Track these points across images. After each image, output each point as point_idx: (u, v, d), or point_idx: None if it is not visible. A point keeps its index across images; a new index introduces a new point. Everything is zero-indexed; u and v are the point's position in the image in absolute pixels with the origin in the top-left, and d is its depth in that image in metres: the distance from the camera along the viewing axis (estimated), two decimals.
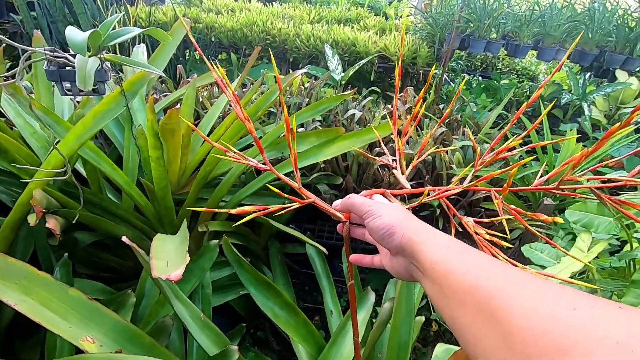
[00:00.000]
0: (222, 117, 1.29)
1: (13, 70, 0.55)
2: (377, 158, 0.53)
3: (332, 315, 0.89)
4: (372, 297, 0.75)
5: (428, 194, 0.46)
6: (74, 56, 0.54)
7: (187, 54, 2.51)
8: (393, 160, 0.52)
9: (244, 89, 1.59)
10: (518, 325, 0.21)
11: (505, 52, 2.36)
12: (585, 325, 0.19)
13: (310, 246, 1.02)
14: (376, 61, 2.28)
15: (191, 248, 0.90)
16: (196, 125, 1.22)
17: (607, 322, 0.19)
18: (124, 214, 0.95)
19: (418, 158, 0.50)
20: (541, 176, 0.44)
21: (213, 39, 2.42)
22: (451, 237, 0.32)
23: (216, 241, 0.78)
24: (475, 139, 1.31)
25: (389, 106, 1.46)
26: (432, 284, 0.29)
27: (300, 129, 1.27)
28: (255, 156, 1.01)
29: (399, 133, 0.51)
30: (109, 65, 0.59)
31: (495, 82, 2.36)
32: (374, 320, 0.77)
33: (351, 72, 1.63)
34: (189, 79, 1.54)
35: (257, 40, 2.35)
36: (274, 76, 1.60)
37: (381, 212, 0.35)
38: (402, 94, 1.61)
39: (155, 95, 1.38)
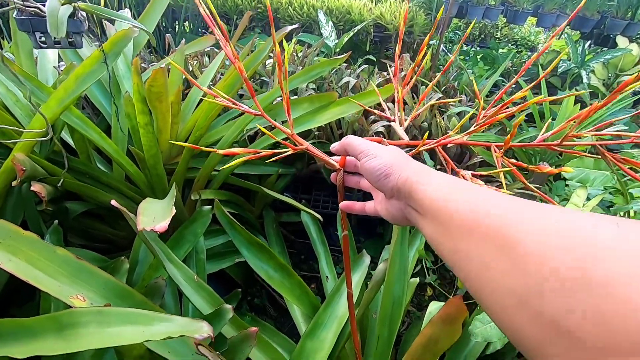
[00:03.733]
0: (212, 85, 1.25)
1: None
2: (377, 111, 0.51)
3: (328, 281, 0.90)
4: (367, 260, 0.75)
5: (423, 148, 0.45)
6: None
7: (177, 25, 2.42)
8: (391, 115, 0.51)
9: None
10: (533, 247, 0.19)
11: (504, 19, 2.30)
12: (613, 240, 0.17)
13: (306, 214, 1.01)
14: (372, 30, 2.22)
15: (185, 216, 0.90)
16: (186, 94, 1.18)
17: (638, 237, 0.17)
18: (115, 183, 0.93)
19: (417, 111, 0.48)
20: (544, 133, 0.42)
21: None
22: (451, 175, 0.31)
23: (209, 207, 0.77)
24: (471, 105, 1.29)
25: (385, 73, 1.42)
26: (432, 222, 0.27)
27: (294, 97, 1.24)
28: (252, 119, 0.98)
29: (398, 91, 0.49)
30: (84, 15, 0.56)
31: (493, 51, 2.31)
32: (368, 283, 0.77)
33: (345, 39, 1.58)
34: (177, 48, 1.49)
35: (249, 8, 2.27)
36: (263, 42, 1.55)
37: (377, 152, 0.34)
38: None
39: (143, 65, 1.33)
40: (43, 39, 0.59)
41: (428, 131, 1.19)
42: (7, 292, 0.74)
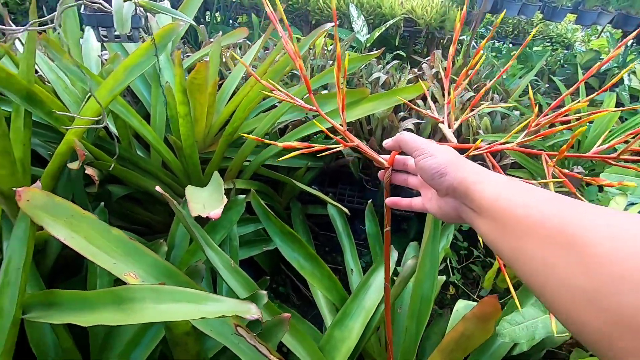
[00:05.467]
0: (245, 78, 1.28)
1: (49, 16, 0.55)
2: (423, 109, 0.52)
3: (353, 273, 0.92)
4: (394, 254, 0.76)
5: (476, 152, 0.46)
6: (108, 2, 0.54)
7: (208, 16, 2.47)
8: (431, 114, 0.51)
9: (266, 51, 1.56)
10: (600, 249, 0.20)
11: (541, 15, 2.22)
12: None
13: (332, 207, 1.03)
14: (401, 25, 2.19)
15: None
16: (220, 85, 1.22)
17: None
18: (153, 169, 0.98)
19: (470, 112, 0.49)
20: (600, 145, 0.42)
21: (234, 1, 2.36)
22: (507, 176, 0.32)
23: (243, 196, 0.80)
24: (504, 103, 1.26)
25: (415, 70, 1.41)
26: (490, 221, 0.28)
27: (324, 92, 1.25)
28: (284, 112, 1.00)
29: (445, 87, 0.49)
30: (142, 11, 0.59)
31: (527, 48, 2.24)
32: (394, 279, 0.79)
33: (377, 34, 1.58)
34: (211, 40, 1.53)
35: (281, 1, 2.28)
36: (297, 38, 1.56)
37: (433, 151, 0.35)
38: (429, 58, 1.55)
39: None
40: (105, 32, 0.62)
41: (457, 130, 1.18)
42: (57, 267, 0.80)
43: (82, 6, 0.57)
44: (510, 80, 1.60)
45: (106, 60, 1.10)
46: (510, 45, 2.95)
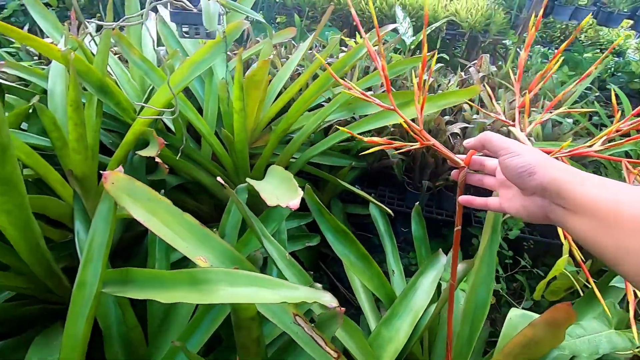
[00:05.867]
0: (291, 78, 1.30)
1: (138, 13, 0.59)
2: (493, 114, 0.52)
3: (394, 275, 0.92)
4: (443, 259, 0.75)
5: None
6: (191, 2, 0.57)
7: None
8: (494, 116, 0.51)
9: (309, 51, 1.58)
10: None
11: (594, 20, 2.12)
12: None
13: (375, 207, 1.03)
14: (444, 27, 2.16)
15: None
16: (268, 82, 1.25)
17: None
18: (203, 161, 1.02)
19: (541, 119, 0.48)
20: None
21: (277, 0, 2.40)
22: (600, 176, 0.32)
23: None
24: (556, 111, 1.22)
25: (462, 73, 1.39)
26: (590, 219, 0.29)
27: (369, 92, 1.26)
28: (332, 112, 1.02)
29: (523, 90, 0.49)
30: (223, 10, 0.62)
31: (577, 55, 2.14)
32: (441, 282, 0.78)
33: (421, 36, 1.56)
34: (258, 39, 1.57)
35: (322, 2, 2.31)
36: (341, 38, 1.58)
37: (520, 151, 0.35)
38: (475, 61, 1.52)
39: (227, 53, 1.42)
40: (187, 29, 0.66)
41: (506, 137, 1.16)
42: (117, 251, 0.85)
43: (169, 4, 0.61)
44: (561, 88, 1.54)
45: (165, 57, 1.16)
46: (555, 50, 2.84)
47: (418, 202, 0.93)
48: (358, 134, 1.12)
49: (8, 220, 0.53)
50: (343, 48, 1.61)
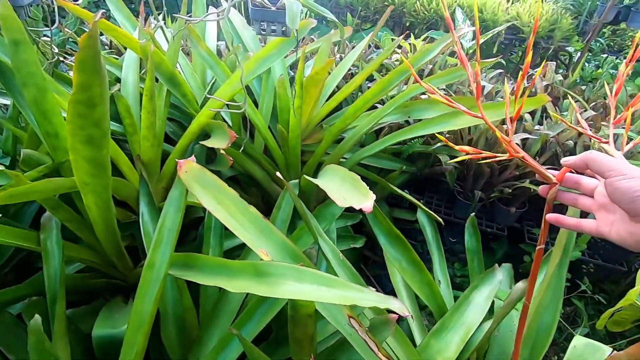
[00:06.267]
0: (344, 77, 1.30)
1: (220, 9, 0.61)
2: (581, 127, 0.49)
3: (441, 285, 0.89)
4: (499, 275, 0.72)
5: None
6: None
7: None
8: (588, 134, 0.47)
9: (364, 51, 1.57)
10: None
11: None
12: None
13: (423, 214, 1.01)
14: (503, 32, 2.06)
15: (320, 196, 0.96)
16: None
17: None
18: (256, 155, 1.04)
19: None
20: None
21: None
22: None
23: None
24: (631, 127, 1.12)
25: (525, 81, 1.31)
26: None
27: (423, 96, 1.23)
28: (386, 114, 1.00)
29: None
30: (301, 9, 0.63)
31: None
32: (496, 299, 0.75)
33: (481, 41, 1.50)
34: (312, 37, 1.58)
35: (375, 1, 2.28)
36: (391, 38, 1.55)
37: (634, 173, 0.33)
38: (537, 69, 1.43)
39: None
40: (264, 26, 0.68)
41: (570, 152, 1.08)
42: None
43: (250, 1, 0.63)
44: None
45: (226, 51, 1.19)
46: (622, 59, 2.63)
47: (473, 213, 0.90)
48: (410, 138, 1.10)
49: (94, 200, 0.57)
50: (397, 50, 1.58)
